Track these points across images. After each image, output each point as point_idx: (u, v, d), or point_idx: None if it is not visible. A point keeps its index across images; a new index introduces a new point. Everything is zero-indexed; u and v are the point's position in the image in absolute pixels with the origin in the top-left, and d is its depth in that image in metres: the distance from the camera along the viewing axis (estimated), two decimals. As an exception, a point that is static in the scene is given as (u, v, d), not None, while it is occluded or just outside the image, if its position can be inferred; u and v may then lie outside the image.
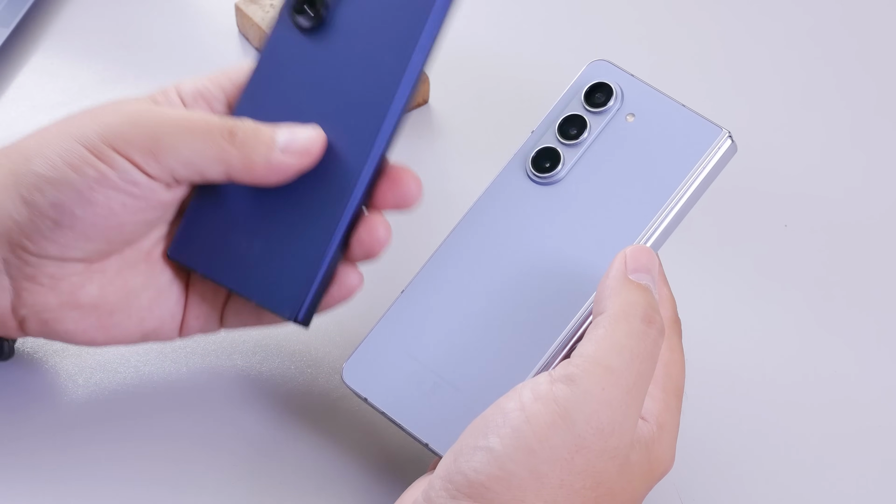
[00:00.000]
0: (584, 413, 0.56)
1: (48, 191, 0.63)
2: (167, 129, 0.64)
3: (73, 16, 0.91)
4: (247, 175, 0.65)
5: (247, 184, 0.66)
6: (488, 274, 0.64)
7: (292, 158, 0.65)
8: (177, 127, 0.64)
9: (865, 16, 0.95)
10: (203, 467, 0.67)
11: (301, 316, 0.65)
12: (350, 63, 0.67)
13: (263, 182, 0.65)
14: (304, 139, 0.65)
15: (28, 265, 0.64)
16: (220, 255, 0.67)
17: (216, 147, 0.64)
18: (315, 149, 0.65)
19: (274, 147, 0.65)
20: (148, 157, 0.63)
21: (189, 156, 0.64)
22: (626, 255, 0.60)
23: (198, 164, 0.64)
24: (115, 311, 0.67)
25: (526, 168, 0.66)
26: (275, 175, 0.65)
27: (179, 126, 0.64)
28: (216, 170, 0.64)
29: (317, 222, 0.65)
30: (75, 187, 0.63)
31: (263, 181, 0.65)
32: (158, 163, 0.64)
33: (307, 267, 0.65)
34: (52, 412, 0.69)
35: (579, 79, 0.66)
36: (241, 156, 0.64)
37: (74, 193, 0.63)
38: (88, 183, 0.63)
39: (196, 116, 0.65)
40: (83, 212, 0.63)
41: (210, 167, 0.64)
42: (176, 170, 0.64)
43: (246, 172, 0.65)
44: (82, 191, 0.63)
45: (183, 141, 0.64)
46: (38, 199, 0.63)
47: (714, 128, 0.64)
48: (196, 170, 0.64)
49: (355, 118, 0.66)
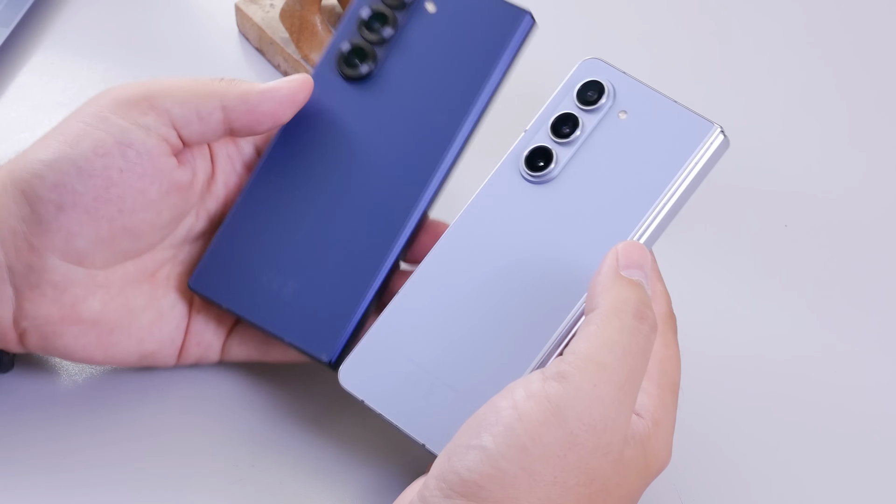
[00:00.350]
0: (576, 410, 0.56)
1: (47, 174, 0.64)
2: (162, 82, 0.66)
3: (73, 16, 0.91)
4: (243, 105, 0.67)
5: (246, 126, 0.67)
6: (483, 274, 0.64)
7: (283, 84, 0.68)
8: (171, 79, 0.67)
9: (865, 16, 0.95)
10: (202, 468, 0.68)
11: (335, 359, 0.66)
12: (401, 116, 0.68)
13: (259, 116, 0.67)
14: (289, 77, 0.69)
15: (33, 271, 0.65)
16: (248, 291, 0.68)
17: (209, 85, 0.66)
18: (303, 79, 0.68)
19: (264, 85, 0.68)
20: (143, 106, 0.65)
21: (184, 95, 0.66)
22: (617, 252, 0.60)
23: (193, 102, 0.66)
24: (115, 330, 0.67)
25: (519, 167, 0.66)
26: (269, 102, 0.67)
27: (173, 79, 0.67)
28: (212, 104, 0.66)
29: (357, 271, 0.67)
30: (74, 162, 0.64)
31: (259, 113, 0.67)
32: (154, 108, 0.65)
33: (345, 312, 0.66)
34: (52, 412, 0.69)
35: (571, 77, 0.66)
36: (233, 87, 0.67)
37: (73, 168, 0.64)
38: (86, 154, 0.64)
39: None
40: (83, 186, 0.64)
41: (205, 103, 0.66)
42: (172, 111, 0.65)
43: (241, 101, 0.66)
44: (80, 164, 0.64)
45: (177, 85, 0.66)
46: (38, 185, 0.64)
47: (706, 123, 0.64)
48: (193, 108, 0.66)
49: (404, 173, 0.67)
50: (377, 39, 0.69)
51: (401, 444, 0.65)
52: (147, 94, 0.66)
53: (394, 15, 0.69)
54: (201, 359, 0.70)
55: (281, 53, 0.87)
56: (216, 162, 0.70)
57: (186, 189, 0.68)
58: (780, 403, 0.72)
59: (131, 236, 0.66)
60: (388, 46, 0.69)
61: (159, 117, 0.65)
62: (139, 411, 0.69)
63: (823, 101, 0.89)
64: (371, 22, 0.70)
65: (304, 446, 0.68)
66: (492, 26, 0.68)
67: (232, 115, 0.67)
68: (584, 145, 0.65)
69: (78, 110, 0.66)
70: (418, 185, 0.67)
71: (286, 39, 0.87)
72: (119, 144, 0.65)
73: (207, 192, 0.69)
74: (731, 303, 0.77)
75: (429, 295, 0.65)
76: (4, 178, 0.65)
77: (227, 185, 0.70)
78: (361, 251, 0.67)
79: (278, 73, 0.88)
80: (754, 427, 0.71)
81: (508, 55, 0.68)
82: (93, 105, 0.66)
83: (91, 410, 0.69)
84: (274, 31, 0.88)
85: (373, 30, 0.69)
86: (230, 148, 0.70)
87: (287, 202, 0.69)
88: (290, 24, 0.86)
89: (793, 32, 0.94)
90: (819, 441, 0.70)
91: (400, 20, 0.69)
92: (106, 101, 0.66)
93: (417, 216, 0.67)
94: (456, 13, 0.69)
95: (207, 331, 0.70)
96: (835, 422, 0.71)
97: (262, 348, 0.70)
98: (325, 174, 0.68)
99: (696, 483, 0.68)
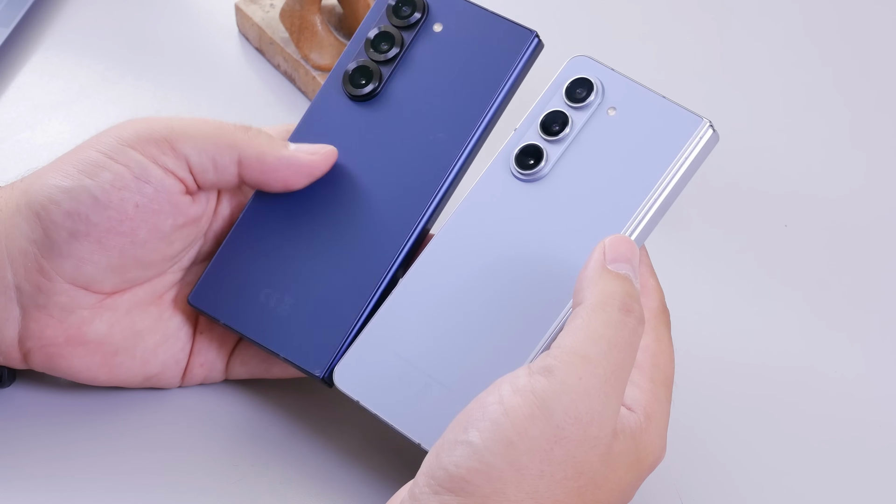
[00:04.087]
0: (561, 403, 0.56)
1: (63, 200, 0.64)
2: (184, 122, 0.66)
3: (73, 16, 0.91)
4: (258, 165, 0.66)
5: (258, 184, 0.67)
6: (475, 273, 0.65)
7: (303, 155, 0.67)
8: (193, 121, 0.67)
9: (865, 16, 0.95)
10: (201, 468, 0.68)
11: (328, 375, 0.66)
12: (405, 136, 0.69)
13: (272, 180, 0.67)
14: (316, 146, 0.68)
15: (41, 293, 0.65)
16: (246, 307, 0.68)
17: (229, 135, 0.66)
18: (327, 153, 0.68)
19: (286, 144, 0.67)
20: (164, 146, 0.65)
21: (203, 143, 0.66)
22: (605, 246, 0.60)
23: (211, 151, 0.66)
24: (119, 352, 0.67)
25: (510, 166, 0.66)
26: (284, 170, 0.67)
27: (195, 120, 0.67)
28: (229, 157, 0.66)
29: (355, 287, 0.67)
30: (90, 192, 0.64)
31: (273, 177, 0.67)
32: (174, 151, 0.65)
33: (340, 328, 0.66)
34: (52, 415, 0.69)
35: (560, 75, 0.67)
36: (253, 144, 0.66)
37: (90, 198, 0.64)
38: (103, 186, 0.64)
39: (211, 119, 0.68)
40: (98, 217, 0.64)
41: (223, 154, 0.66)
42: (191, 157, 0.65)
43: (257, 161, 0.66)
44: (97, 195, 0.64)
45: (198, 129, 0.66)
46: (53, 211, 0.64)
47: (695, 118, 0.64)
48: (210, 157, 0.66)
49: (405, 192, 0.68)
50: (383, 59, 0.70)
51: (397, 443, 0.65)
52: (169, 135, 0.66)
53: (400, 35, 0.70)
54: (205, 379, 0.70)
55: (281, 53, 0.87)
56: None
57: (198, 221, 0.68)
58: (780, 403, 0.72)
59: (141, 266, 0.67)
60: (394, 66, 0.69)
61: (178, 160, 0.66)
62: (140, 413, 0.69)
63: (824, 101, 0.89)
64: (377, 41, 0.70)
65: (302, 446, 0.68)
66: (498, 46, 0.68)
67: (245, 172, 0.67)
68: (573, 143, 0.65)
69: (96, 138, 0.66)
70: (419, 204, 0.67)
71: (286, 39, 0.87)
72: (137, 180, 0.65)
73: (214, 214, 0.70)
74: (732, 302, 0.77)
75: (422, 295, 0.65)
76: (19, 199, 0.65)
77: (231, 205, 0.70)
78: (360, 268, 0.67)
79: (278, 73, 0.89)
80: (754, 427, 0.70)
81: (514, 75, 0.68)
82: (113, 136, 0.66)
83: (91, 413, 0.69)
84: (274, 31, 0.88)
85: (379, 49, 0.70)
86: None
87: (288, 219, 0.69)
88: (290, 24, 0.86)
89: (793, 32, 0.94)
90: (819, 440, 0.70)
91: (406, 40, 0.70)
92: (127, 135, 0.66)
93: (417, 233, 0.67)
94: (462, 33, 0.69)
95: (211, 350, 0.70)
96: (835, 421, 0.71)
97: (263, 366, 0.70)
98: (328, 192, 0.69)
99: (696, 483, 0.68)
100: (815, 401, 0.72)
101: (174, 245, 0.67)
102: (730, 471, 0.69)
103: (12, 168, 0.80)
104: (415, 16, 0.70)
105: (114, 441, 0.68)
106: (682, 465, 0.67)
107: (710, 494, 0.68)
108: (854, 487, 0.68)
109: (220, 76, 0.89)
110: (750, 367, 0.73)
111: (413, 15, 0.70)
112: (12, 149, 0.84)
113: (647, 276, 0.64)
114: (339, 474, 0.67)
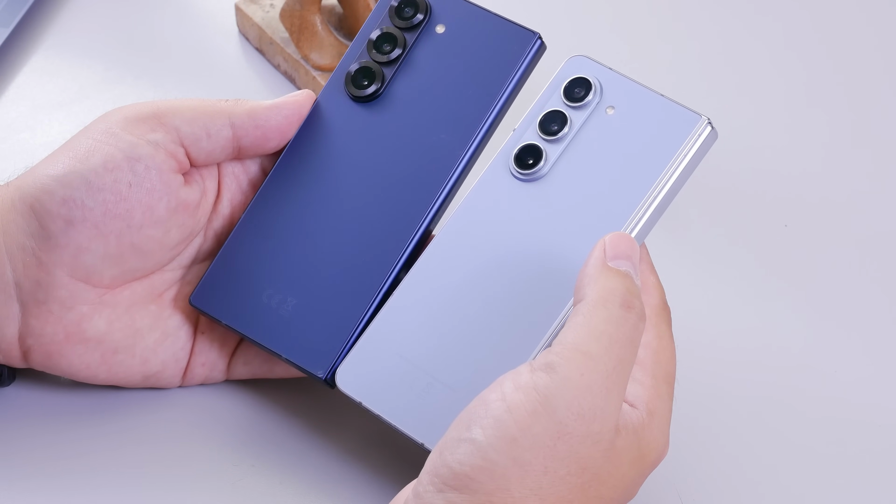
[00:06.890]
0: (564, 399, 0.56)
1: (56, 189, 0.64)
2: (170, 101, 0.67)
3: (73, 16, 0.91)
4: (251, 121, 0.67)
5: (254, 143, 0.68)
6: (476, 272, 0.65)
7: (287, 98, 0.69)
8: (179, 99, 0.68)
9: (866, 16, 0.95)
10: (201, 468, 0.68)
11: (331, 376, 0.66)
12: (407, 137, 0.69)
13: (268, 131, 0.68)
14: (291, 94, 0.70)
15: (41, 287, 0.65)
16: (248, 308, 0.68)
17: (217, 105, 0.67)
18: (305, 92, 0.70)
19: (269, 101, 0.69)
20: (153, 122, 0.66)
21: (192, 114, 0.66)
22: (605, 243, 0.60)
23: (202, 120, 0.66)
24: (119, 350, 0.68)
25: (509, 166, 0.66)
26: (276, 116, 0.68)
27: (181, 99, 0.68)
28: (221, 122, 0.67)
29: (358, 288, 0.67)
30: (83, 177, 0.64)
31: (267, 128, 0.68)
32: (163, 125, 0.66)
33: (343, 329, 0.66)
34: (52, 415, 0.69)
35: (558, 75, 0.67)
36: (240, 104, 0.67)
37: (83, 183, 0.64)
38: (95, 169, 0.65)
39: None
40: (93, 200, 0.64)
41: (214, 120, 0.67)
42: (181, 128, 0.66)
43: (249, 117, 0.67)
44: (90, 179, 0.64)
45: (185, 104, 0.67)
46: (47, 201, 0.64)
47: (693, 115, 0.64)
48: (202, 126, 0.66)
49: (408, 193, 0.68)
50: (386, 60, 0.70)
51: (399, 443, 0.65)
52: (156, 112, 0.66)
53: (403, 36, 0.70)
54: (207, 379, 0.70)
55: (281, 53, 0.87)
56: (222, 181, 0.70)
57: (194, 209, 0.68)
58: (780, 403, 0.72)
59: (139, 254, 0.67)
60: (396, 67, 0.70)
61: (168, 134, 0.66)
62: (140, 412, 0.69)
63: (825, 101, 0.89)
64: (380, 42, 0.70)
65: (303, 446, 0.68)
66: (501, 48, 0.69)
67: (240, 132, 0.67)
68: (572, 142, 0.66)
69: (87, 128, 0.67)
70: (422, 205, 0.67)
71: (286, 39, 0.87)
72: (128, 159, 0.65)
73: (214, 212, 0.70)
74: (732, 302, 0.77)
75: (423, 295, 0.65)
76: (13, 195, 0.65)
77: (232, 204, 0.70)
78: (362, 269, 0.67)
79: (278, 73, 0.89)
80: (754, 426, 0.71)
81: (517, 77, 0.68)
82: (102, 122, 0.66)
83: (92, 413, 0.69)
84: (274, 31, 0.88)
85: (382, 50, 0.70)
86: (236, 167, 0.70)
87: (290, 220, 0.69)
88: (290, 24, 0.86)
89: (793, 32, 0.94)
90: (819, 440, 0.70)
91: (409, 41, 0.70)
92: (115, 119, 0.66)
93: (419, 235, 0.67)
94: (465, 35, 0.69)
95: (212, 351, 0.70)
96: (834, 421, 0.71)
97: (266, 366, 0.70)
98: (330, 193, 0.69)
99: (696, 483, 0.68)
100: (814, 400, 0.72)
101: (171, 234, 0.67)
102: (729, 470, 0.69)
103: (12, 168, 0.79)
104: (417, 17, 0.70)
105: (114, 440, 0.68)
106: (682, 464, 0.67)
107: (709, 493, 0.68)
108: (854, 487, 0.68)
109: (220, 76, 0.89)
110: (750, 367, 0.73)
111: (416, 16, 0.70)
112: (12, 149, 0.84)
113: (647, 274, 0.64)
114: (340, 475, 0.67)
